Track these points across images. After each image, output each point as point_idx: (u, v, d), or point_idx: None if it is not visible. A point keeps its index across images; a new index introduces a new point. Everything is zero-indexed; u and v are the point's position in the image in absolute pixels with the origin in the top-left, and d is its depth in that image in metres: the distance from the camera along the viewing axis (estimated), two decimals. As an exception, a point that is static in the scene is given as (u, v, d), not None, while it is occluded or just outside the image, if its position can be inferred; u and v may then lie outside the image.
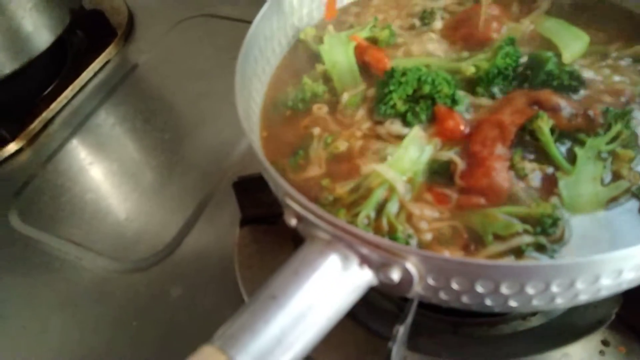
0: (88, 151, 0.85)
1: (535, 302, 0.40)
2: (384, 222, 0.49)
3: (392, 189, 0.50)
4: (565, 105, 0.52)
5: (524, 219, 0.47)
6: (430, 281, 0.40)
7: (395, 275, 0.39)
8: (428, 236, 0.48)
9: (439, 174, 0.51)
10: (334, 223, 0.40)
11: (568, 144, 0.52)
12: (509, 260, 0.45)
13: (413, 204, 0.50)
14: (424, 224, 0.49)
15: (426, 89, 0.53)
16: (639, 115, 0.53)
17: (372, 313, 0.58)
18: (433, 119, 0.54)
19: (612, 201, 0.49)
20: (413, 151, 0.52)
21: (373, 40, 0.64)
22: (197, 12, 1.01)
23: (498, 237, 0.47)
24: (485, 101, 0.55)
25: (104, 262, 0.70)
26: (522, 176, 0.50)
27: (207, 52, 0.95)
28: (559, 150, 0.51)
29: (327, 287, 0.40)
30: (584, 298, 0.40)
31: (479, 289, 0.39)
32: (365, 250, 0.39)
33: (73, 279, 0.69)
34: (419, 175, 0.51)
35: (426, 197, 0.50)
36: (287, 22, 0.64)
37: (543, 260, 0.45)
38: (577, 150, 0.51)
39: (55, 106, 0.90)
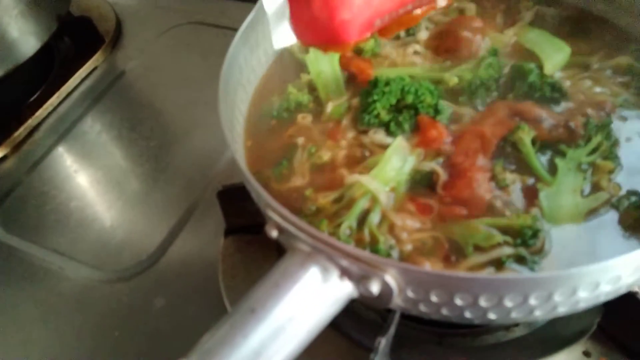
0: (74, 159, 0.85)
1: (514, 315, 0.40)
2: (366, 233, 0.49)
3: (374, 200, 0.51)
4: (547, 117, 0.52)
5: (504, 230, 0.48)
6: (410, 293, 0.40)
7: (375, 287, 0.39)
8: (409, 247, 0.48)
9: (421, 184, 0.51)
10: (314, 235, 0.40)
11: (549, 154, 0.53)
12: (486, 273, 0.45)
13: (395, 214, 0.50)
14: (405, 234, 0.49)
15: (409, 98, 0.53)
16: (619, 127, 0.54)
17: (355, 323, 0.58)
18: (416, 129, 0.55)
19: (592, 213, 0.49)
20: (396, 161, 0.52)
21: (358, 50, 0.64)
22: (185, 20, 1.01)
23: (479, 249, 0.47)
24: (467, 111, 0.55)
25: (87, 272, 0.69)
26: (503, 187, 0.51)
27: (194, 59, 0.94)
28: (539, 162, 0.52)
29: (308, 299, 0.40)
30: (562, 310, 0.40)
31: (458, 301, 0.39)
32: (345, 263, 0.39)
33: (56, 289, 0.69)
34: (402, 186, 0.52)
35: (408, 207, 0.50)
36: (273, 31, 0.63)
37: (523, 271, 0.46)
38: (558, 161, 0.51)
39: (41, 113, 0.90)
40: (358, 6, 0.47)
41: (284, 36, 0.51)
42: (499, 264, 0.46)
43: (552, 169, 0.51)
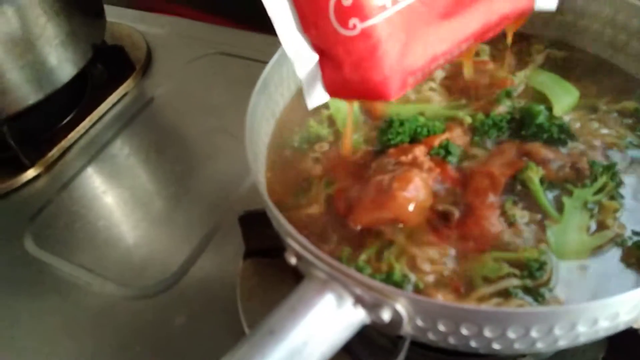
0: (102, 179, 0.89)
1: (517, 346, 0.42)
2: (384, 262, 0.52)
3: (395, 232, 0.53)
4: (554, 158, 0.55)
5: (512, 263, 0.50)
6: (419, 322, 0.42)
7: (386, 315, 0.41)
8: (425, 278, 0.51)
9: (435, 221, 0.54)
10: (330, 264, 0.43)
11: (556, 192, 0.55)
12: (494, 304, 0.48)
13: (413, 247, 0.53)
14: (422, 266, 0.51)
15: (422, 139, 0.56)
16: (625, 168, 0.57)
17: (367, 348, 0.61)
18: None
19: (597, 249, 0.51)
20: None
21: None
22: (212, 50, 1.06)
23: (487, 280, 0.50)
24: (478, 151, 0.58)
25: (112, 288, 0.73)
26: (512, 223, 0.53)
27: (220, 88, 0.99)
28: (547, 199, 0.54)
29: (322, 324, 0.42)
30: (563, 343, 0.43)
31: (464, 331, 0.41)
32: (359, 291, 0.42)
33: (82, 303, 0.72)
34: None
35: (427, 240, 0.53)
36: (296, 69, 0.68)
37: (531, 302, 0.48)
38: (565, 200, 0.54)
39: (73, 135, 0.95)
40: (390, 67, 0.48)
41: (317, 96, 0.53)
42: (506, 295, 0.49)
43: (560, 207, 0.54)
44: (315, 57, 0.51)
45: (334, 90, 0.52)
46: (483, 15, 0.52)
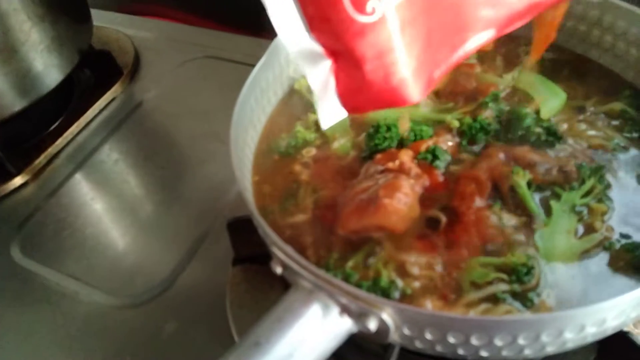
0: (90, 186, 0.88)
1: (505, 353, 0.42)
2: (371, 269, 0.51)
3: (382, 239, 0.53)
4: (541, 162, 0.55)
5: (500, 268, 0.50)
6: (406, 331, 0.42)
7: (372, 324, 0.41)
8: (412, 284, 0.50)
9: (423, 227, 0.54)
10: (316, 274, 0.42)
11: (545, 195, 0.55)
12: (483, 309, 0.48)
13: (401, 253, 0.52)
14: (410, 272, 0.51)
15: (408, 144, 0.56)
16: (612, 170, 0.56)
17: (357, 353, 0.60)
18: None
19: (585, 253, 0.51)
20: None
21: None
22: (200, 54, 1.06)
23: (475, 285, 0.49)
24: (465, 156, 0.58)
25: (101, 297, 0.72)
26: (499, 227, 0.53)
27: (209, 92, 0.99)
28: (535, 203, 0.54)
29: (309, 334, 0.42)
30: (551, 349, 0.42)
31: (451, 339, 0.41)
32: (344, 300, 0.42)
33: (70, 313, 0.71)
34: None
35: (414, 245, 0.53)
36: (283, 73, 0.67)
37: (520, 308, 0.48)
38: (553, 203, 0.54)
39: (60, 142, 0.94)
40: (417, 58, 0.42)
41: (331, 112, 0.46)
42: (495, 300, 0.48)
43: (548, 210, 0.54)
44: (327, 62, 0.44)
45: (350, 100, 0.45)
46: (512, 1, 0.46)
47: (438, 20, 0.44)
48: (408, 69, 0.43)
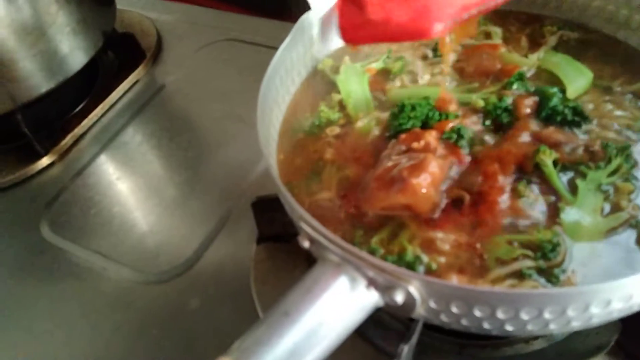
0: (116, 166, 0.90)
1: (530, 327, 0.42)
2: (396, 244, 0.52)
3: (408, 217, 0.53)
4: (567, 141, 0.55)
5: (526, 245, 0.50)
6: (432, 304, 0.42)
7: (399, 297, 0.42)
8: (438, 259, 0.51)
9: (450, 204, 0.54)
10: (343, 247, 0.43)
11: (570, 174, 0.55)
12: (508, 285, 0.48)
13: (425, 230, 0.53)
14: (435, 248, 0.51)
15: (433, 123, 0.56)
16: (639, 150, 0.56)
17: (380, 331, 0.61)
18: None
19: (611, 231, 0.51)
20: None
21: (386, 71, 0.68)
22: (222, 37, 1.06)
23: (501, 262, 0.50)
24: (489, 135, 0.58)
25: (127, 274, 0.74)
26: (525, 205, 0.53)
27: (230, 74, 0.99)
28: (561, 182, 0.54)
29: (337, 306, 0.43)
30: (576, 324, 0.43)
31: (477, 313, 0.41)
32: (371, 274, 0.42)
33: (98, 289, 0.73)
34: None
35: (439, 223, 0.53)
36: (307, 53, 0.67)
37: (546, 284, 0.48)
38: (579, 182, 0.54)
39: (86, 123, 0.96)
40: (415, 9, 0.45)
41: (331, 41, 0.51)
42: (520, 276, 0.49)
43: (574, 189, 0.54)
44: None
45: (350, 32, 0.50)
46: None
47: None
48: (406, 15, 0.46)
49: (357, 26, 0.48)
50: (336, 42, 0.51)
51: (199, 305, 0.68)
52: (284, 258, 0.68)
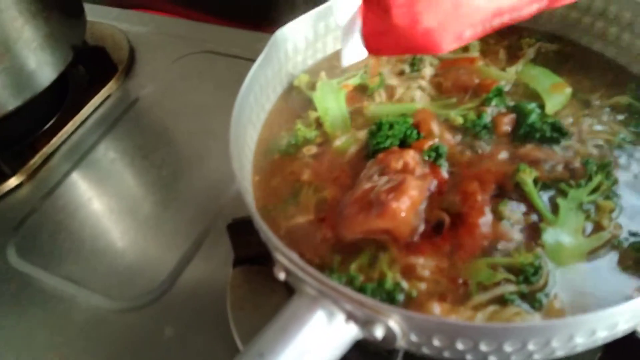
0: (87, 186, 0.87)
1: (513, 358, 0.41)
2: (376, 271, 0.50)
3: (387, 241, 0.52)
4: (547, 159, 0.54)
5: (507, 269, 0.49)
6: (413, 338, 0.41)
7: (379, 332, 0.40)
8: (418, 286, 0.49)
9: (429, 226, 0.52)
10: (320, 280, 0.41)
11: (551, 193, 0.54)
12: (490, 311, 0.47)
13: (405, 255, 0.51)
14: (415, 274, 0.50)
15: (411, 141, 0.55)
16: (619, 166, 0.55)
17: (361, 357, 0.59)
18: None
19: (594, 252, 0.50)
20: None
21: (364, 87, 0.66)
22: (197, 49, 1.04)
23: (482, 287, 0.48)
24: (468, 153, 0.57)
25: (99, 301, 0.71)
26: (506, 227, 0.52)
27: (206, 88, 0.97)
28: (542, 201, 0.53)
29: (314, 342, 0.41)
30: (560, 353, 0.41)
31: (459, 345, 0.40)
32: (350, 307, 0.41)
33: (68, 318, 0.70)
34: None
35: (419, 247, 0.52)
36: (282, 69, 0.66)
37: (529, 310, 0.47)
38: (560, 201, 0.53)
39: (55, 141, 0.92)
40: (445, 12, 0.43)
41: (354, 52, 0.48)
42: (503, 301, 0.47)
43: (555, 208, 0.53)
44: (358, 2, 0.46)
45: (374, 42, 0.47)
46: None
47: None
48: (436, 19, 0.43)
49: (381, 33, 0.46)
50: (360, 52, 0.49)
51: (174, 334, 0.66)
52: (262, 282, 0.66)
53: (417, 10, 0.43)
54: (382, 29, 0.45)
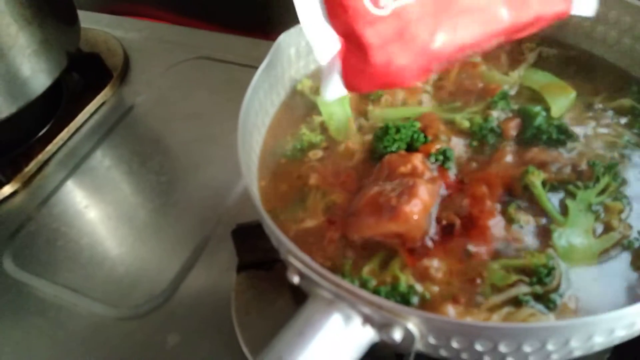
0: (84, 194, 0.85)
1: (531, 359, 0.41)
2: (388, 274, 0.50)
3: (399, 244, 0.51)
4: (554, 161, 0.54)
5: (520, 270, 0.49)
6: (431, 340, 0.40)
7: (397, 335, 0.40)
8: (432, 288, 0.49)
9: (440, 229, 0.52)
10: (337, 283, 0.41)
11: (560, 194, 0.54)
12: (505, 312, 0.46)
13: (418, 257, 0.51)
14: (428, 276, 0.49)
15: (419, 145, 0.55)
16: (626, 167, 0.56)
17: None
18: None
19: (605, 253, 0.50)
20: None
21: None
22: (192, 55, 1.03)
23: (496, 288, 0.48)
24: (476, 157, 0.57)
25: (99, 309, 0.70)
26: (516, 229, 0.52)
27: (202, 94, 0.96)
28: (551, 203, 0.53)
29: (331, 346, 0.40)
30: (578, 353, 0.41)
31: (478, 347, 0.40)
32: (367, 310, 0.40)
33: (69, 327, 0.69)
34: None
35: (431, 250, 0.51)
36: (285, 74, 0.65)
37: (543, 310, 0.46)
38: (569, 202, 0.53)
39: (50, 148, 0.91)
40: (415, 52, 0.49)
41: (334, 89, 0.52)
42: (517, 303, 0.47)
43: (564, 210, 0.53)
44: (337, 44, 0.51)
45: (352, 80, 0.51)
46: (517, 12, 0.52)
47: (444, 21, 0.49)
48: (409, 58, 0.49)
49: (359, 72, 0.50)
50: (340, 90, 0.53)
51: (179, 341, 0.65)
52: (266, 287, 0.65)
53: (392, 51, 0.48)
54: (360, 67, 0.50)
